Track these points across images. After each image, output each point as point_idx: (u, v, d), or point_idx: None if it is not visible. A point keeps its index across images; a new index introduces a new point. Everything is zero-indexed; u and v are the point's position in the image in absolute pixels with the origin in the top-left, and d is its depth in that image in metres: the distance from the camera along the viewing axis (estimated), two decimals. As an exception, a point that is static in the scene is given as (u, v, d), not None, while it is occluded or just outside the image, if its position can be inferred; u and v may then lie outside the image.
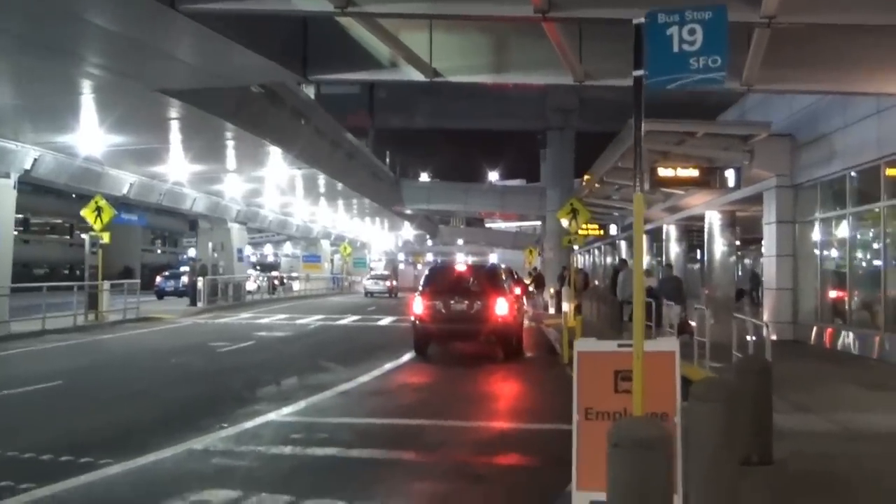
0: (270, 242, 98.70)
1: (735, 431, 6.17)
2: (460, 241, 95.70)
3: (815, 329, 18.37)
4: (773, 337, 20.06)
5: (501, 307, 17.14)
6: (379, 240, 78.77)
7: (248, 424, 9.94)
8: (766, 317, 20.46)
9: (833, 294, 18.15)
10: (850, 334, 16.62)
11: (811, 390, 11.87)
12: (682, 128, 19.76)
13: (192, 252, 59.50)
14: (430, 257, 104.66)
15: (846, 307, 17.35)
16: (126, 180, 29.62)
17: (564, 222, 26.02)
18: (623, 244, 45.57)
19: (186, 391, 12.94)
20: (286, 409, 11.03)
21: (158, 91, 17.61)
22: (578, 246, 26.89)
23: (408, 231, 72.71)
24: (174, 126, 22.61)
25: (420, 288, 18.37)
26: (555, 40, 12.37)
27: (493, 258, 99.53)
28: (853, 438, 8.63)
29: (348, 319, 30.26)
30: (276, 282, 52.17)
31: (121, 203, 30.93)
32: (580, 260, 60.31)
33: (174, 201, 33.90)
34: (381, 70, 15.65)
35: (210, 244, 40.31)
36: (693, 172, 20.06)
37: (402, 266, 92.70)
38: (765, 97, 21.81)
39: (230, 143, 26.00)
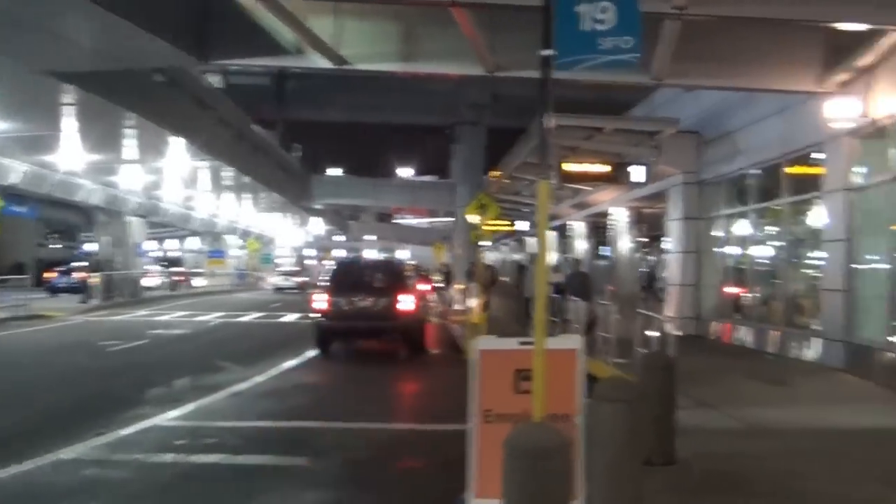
0: (175, 237, 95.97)
1: (638, 431, 5.91)
2: (371, 237, 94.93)
3: (716, 324, 18.58)
4: (677, 332, 20.29)
5: (404, 303, 16.83)
6: (287, 235, 77.37)
7: (129, 430, 9.24)
8: (669, 312, 20.64)
9: (734, 290, 18.37)
10: (750, 329, 16.82)
11: (713, 386, 11.83)
12: (590, 123, 19.72)
13: (88, 247, 57.29)
14: (339, 253, 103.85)
15: (745, 302, 17.57)
16: (14, 169, 28.00)
17: (473, 218, 25.84)
18: (533, 240, 45.79)
19: (65, 394, 12.06)
20: (172, 413, 10.34)
21: (45, 73, 16.57)
22: (488, 242, 26.69)
23: (317, 226, 71.55)
24: (67, 112, 21.47)
25: (323, 284, 17.98)
26: (465, 28, 12.01)
27: (403, 254, 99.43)
28: (755, 435, 8.53)
29: (251, 316, 29.34)
30: (179, 278, 50.52)
31: (9, 194, 29.26)
32: (491, 256, 60.54)
33: (67, 192, 32.31)
34: (287, 56, 15.09)
35: (107, 238, 38.62)
36: (601, 168, 19.99)
37: (311, 262, 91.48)
38: (672, 94, 21.98)
39: (127, 132, 24.90)
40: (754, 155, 16.56)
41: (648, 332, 12.49)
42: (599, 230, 32.41)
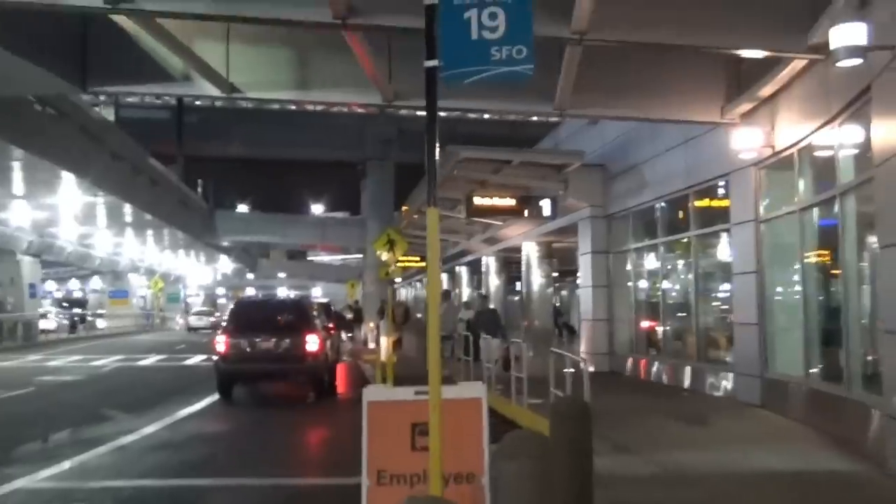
0: (77, 277, 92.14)
1: (549, 488, 5.25)
2: (282, 275, 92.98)
3: (630, 360, 18.26)
4: (591, 368, 19.90)
5: (310, 344, 16.03)
6: (195, 274, 75.03)
7: (-16, 497, 8.13)
8: (583, 348, 20.28)
9: (646, 324, 18.11)
10: (664, 364, 16.52)
11: (630, 427, 11.34)
12: (497, 156, 19.40)
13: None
14: (250, 291, 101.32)
15: (659, 337, 17.28)
16: None
17: (382, 254, 25.13)
18: (444, 276, 45.28)
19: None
20: (44, 472, 9.22)
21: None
22: (398, 278, 26.02)
23: (225, 264, 69.56)
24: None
25: (223, 325, 17.37)
26: (359, 53, 11.39)
27: (316, 292, 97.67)
28: (676, 483, 7.99)
29: (152, 359, 27.91)
30: (78, 319, 48.15)
31: None
32: (404, 293, 59.77)
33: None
34: (173, 84, 14.27)
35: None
36: (509, 201, 19.69)
37: (222, 300, 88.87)
38: (577, 127, 21.88)
39: (14, 166, 23.37)
40: (661, 187, 16.38)
41: (565, 370, 11.91)
42: (512, 265, 32.08)
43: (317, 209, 70.05)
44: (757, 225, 12.77)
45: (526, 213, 19.67)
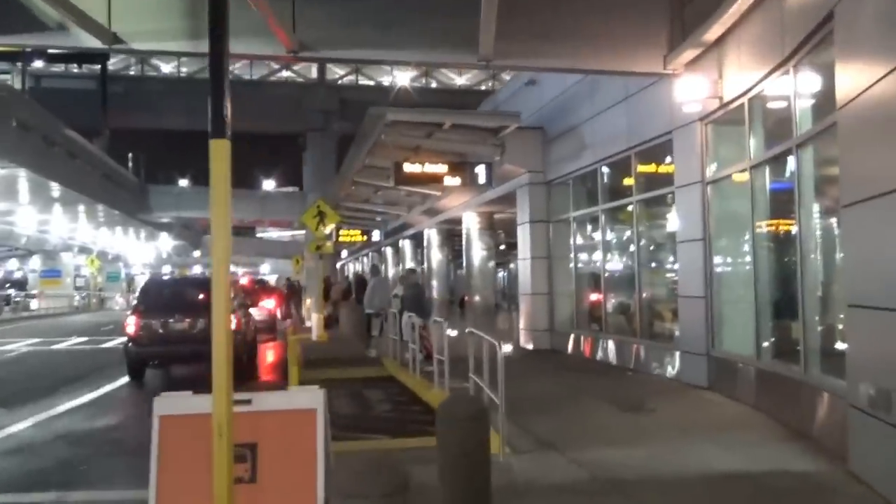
0: (15, 256, 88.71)
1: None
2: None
3: (572, 337, 16.95)
4: (529, 346, 18.64)
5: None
6: (135, 252, 72.30)
7: None
8: (521, 324, 18.97)
9: (589, 298, 16.78)
10: (608, 342, 15.23)
11: (560, 415, 10.01)
12: (426, 118, 17.88)
13: None
14: (197, 269, 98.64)
15: (602, 313, 15.92)
16: None
17: (311, 227, 23.54)
18: (389, 250, 43.68)
19: None
20: None
21: None
22: (329, 252, 24.43)
23: (167, 242, 67.07)
24: None
25: (133, 305, 16.66)
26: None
27: (264, 269, 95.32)
28: (605, 491, 6.62)
29: (69, 342, 26.04)
30: (3, 301, 45.75)
31: None
32: (352, 269, 58.06)
33: None
34: (48, 34, 12.51)
35: None
36: (441, 168, 18.20)
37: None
38: (518, 89, 20.45)
39: None
40: (601, 150, 15.00)
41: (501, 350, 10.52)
42: (455, 238, 30.66)
43: (268, 185, 67.70)
44: (703, 187, 11.45)
45: (459, 180, 18.16)
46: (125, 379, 15.35)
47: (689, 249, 11.84)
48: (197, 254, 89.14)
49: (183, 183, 58.93)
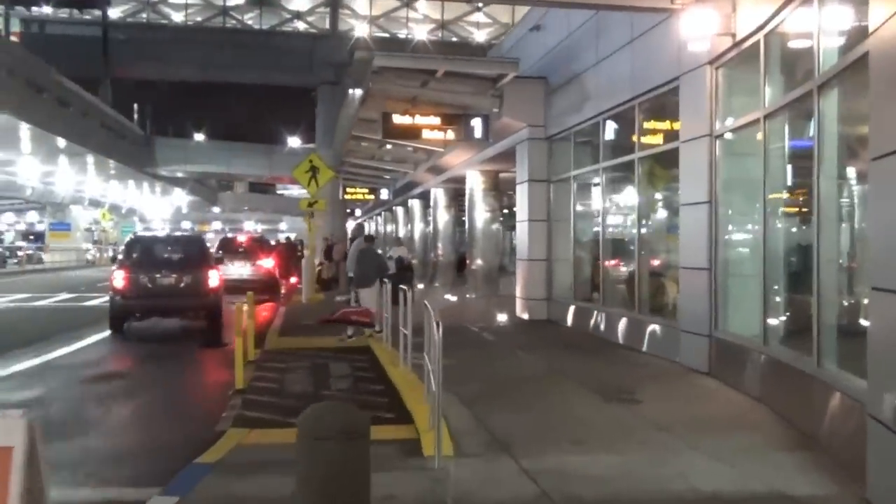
0: (34, 209, 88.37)
1: None
2: (246, 209, 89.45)
3: (571, 308, 15.47)
4: (525, 316, 17.21)
5: (212, 280, 16.15)
6: (150, 207, 71.42)
7: None
8: (518, 292, 17.54)
9: (588, 266, 15.26)
10: (605, 315, 13.75)
11: (531, 404, 8.58)
12: (417, 65, 16.35)
13: None
14: (216, 225, 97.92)
15: (603, 282, 14.38)
16: None
17: (303, 182, 22.18)
18: (400, 210, 42.24)
19: None
20: None
21: None
22: (321, 209, 23.06)
23: (180, 197, 66.07)
24: None
25: (119, 259, 17.50)
26: None
27: (282, 226, 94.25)
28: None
29: (54, 299, 25.05)
30: (7, 254, 45.02)
31: None
32: (367, 228, 56.75)
33: None
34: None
35: None
36: (433, 120, 16.67)
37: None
38: (523, 35, 18.76)
39: None
40: (604, 100, 13.39)
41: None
42: (461, 199, 29.15)
43: (293, 142, 65.84)
44: (711, 142, 9.86)
45: (453, 134, 16.64)
46: (63, 349, 14.12)
47: (693, 214, 10.29)
48: (217, 209, 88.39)
49: (199, 137, 57.67)
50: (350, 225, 59.69)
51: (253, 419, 8.46)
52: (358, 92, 18.13)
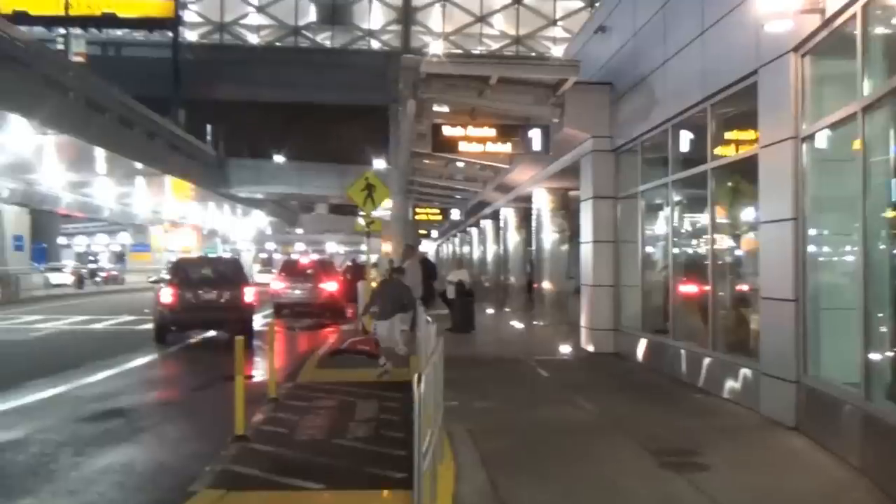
0: (124, 231, 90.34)
1: None
2: (327, 231, 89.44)
3: (639, 341, 13.71)
4: (590, 348, 15.51)
5: (247, 295, 18.36)
6: (233, 228, 71.82)
7: None
8: (582, 321, 15.85)
9: (658, 293, 13.48)
10: (676, 350, 11.97)
11: (566, 467, 6.98)
12: (466, 70, 14.91)
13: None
14: (300, 247, 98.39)
15: (675, 312, 12.58)
16: None
17: (359, 201, 20.97)
18: (474, 231, 40.83)
19: None
20: None
21: None
22: (377, 231, 21.86)
23: (260, 219, 66.17)
24: None
25: (167, 279, 18.96)
26: None
27: (363, 248, 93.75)
28: None
29: (110, 322, 24.55)
30: (87, 274, 45.50)
31: None
32: (446, 249, 55.50)
33: None
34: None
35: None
36: (486, 132, 15.21)
37: (276, 256, 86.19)
38: (588, 39, 17.16)
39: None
40: (673, 104, 11.69)
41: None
42: (530, 218, 27.58)
43: (379, 164, 64.96)
44: (796, 145, 8.11)
45: (509, 146, 15.15)
46: (86, 379, 13.15)
47: (775, 233, 8.52)
48: (300, 231, 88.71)
49: (278, 159, 57.44)
50: (427, 247, 58.65)
51: (240, 476, 7.14)
52: (411, 104, 16.83)
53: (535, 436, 8.19)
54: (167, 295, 17.83)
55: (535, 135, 15.17)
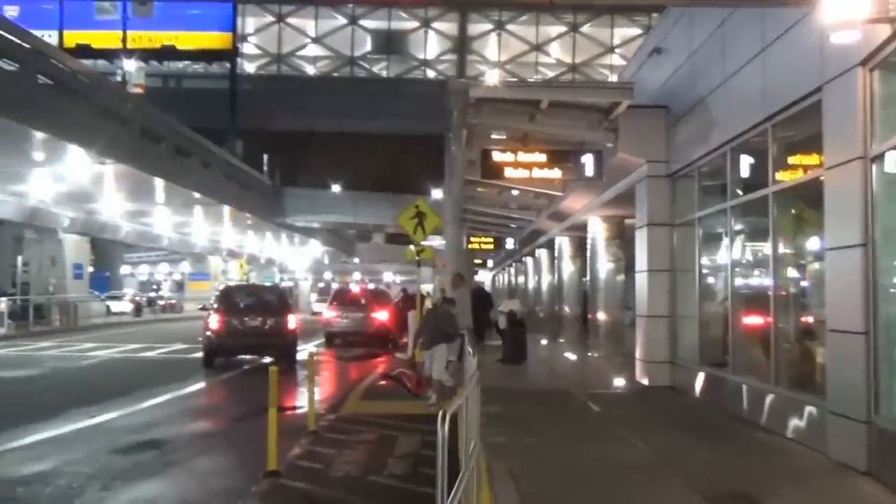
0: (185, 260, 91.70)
1: None
2: (384, 262, 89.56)
3: (697, 375, 13.03)
4: (645, 381, 14.85)
5: (290, 322, 19.35)
6: (289, 257, 72.36)
7: None
8: (637, 354, 15.21)
9: (717, 325, 12.82)
10: (734, 385, 11.30)
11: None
12: (516, 94, 14.60)
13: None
14: (357, 276, 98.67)
15: (735, 345, 11.91)
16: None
17: (407, 230, 20.74)
18: (530, 260, 40.26)
19: None
20: None
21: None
22: (424, 260, 21.54)
23: (316, 248, 66.53)
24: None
25: (214, 306, 19.93)
26: None
27: (421, 278, 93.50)
28: None
29: (165, 349, 24.61)
30: (145, 302, 46.11)
31: None
32: (501, 279, 54.96)
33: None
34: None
35: (36, 258, 34.16)
36: (537, 157, 14.81)
37: (334, 285, 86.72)
38: (641, 65, 16.70)
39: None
40: (731, 126, 11.13)
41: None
42: (584, 248, 26.96)
43: (437, 194, 64.76)
44: (866, 165, 7.52)
45: (559, 172, 14.73)
46: (125, 409, 12.94)
47: (843, 260, 7.91)
48: (356, 260, 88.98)
49: (335, 188, 57.72)
50: (483, 277, 58.11)
51: (264, 517, 6.78)
52: (461, 130, 16.54)
53: (581, 476, 7.67)
54: (214, 321, 18.72)
55: (588, 160, 14.76)
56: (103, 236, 39.77)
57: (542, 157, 14.84)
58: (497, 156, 14.97)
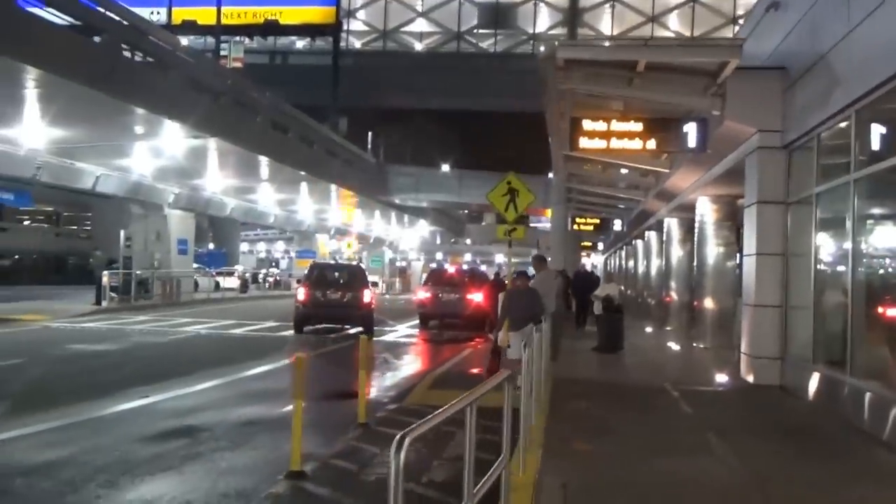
0: (282, 239, 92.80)
1: None
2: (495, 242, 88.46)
3: (810, 374, 11.33)
4: (750, 379, 13.18)
5: (366, 297, 22.11)
6: (399, 237, 72.19)
7: None
8: (743, 347, 13.54)
9: (836, 317, 11.05)
10: (853, 390, 9.61)
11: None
12: (610, 55, 13.12)
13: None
14: (467, 257, 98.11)
15: (856, 342, 10.16)
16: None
17: (500, 207, 19.46)
18: (639, 243, 38.24)
19: None
20: None
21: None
22: (518, 238, 20.23)
23: (423, 228, 66.02)
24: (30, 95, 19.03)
25: (303, 281, 23.25)
26: None
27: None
28: None
29: (256, 327, 24.39)
30: (249, 279, 46.61)
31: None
32: (613, 262, 52.97)
33: (59, 177, 28.24)
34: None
35: (140, 234, 34.71)
36: (632, 126, 13.32)
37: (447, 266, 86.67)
38: (757, 23, 14.83)
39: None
40: (858, 83, 9.36)
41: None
42: (693, 230, 25.02)
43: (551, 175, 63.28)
44: None
45: (655, 143, 13.17)
46: (180, 390, 12.30)
47: None
48: (468, 241, 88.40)
49: (445, 167, 56.77)
50: (593, 261, 56.17)
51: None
52: (551, 97, 15.18)
53: (649, 499, 6.33)
54: (301, 293, 22.02)
55: (691, 129, 13.16)
56: (208, 212, 40.16)
57: (638, 127, 13.33)
58: (587, 124, 13.54)
